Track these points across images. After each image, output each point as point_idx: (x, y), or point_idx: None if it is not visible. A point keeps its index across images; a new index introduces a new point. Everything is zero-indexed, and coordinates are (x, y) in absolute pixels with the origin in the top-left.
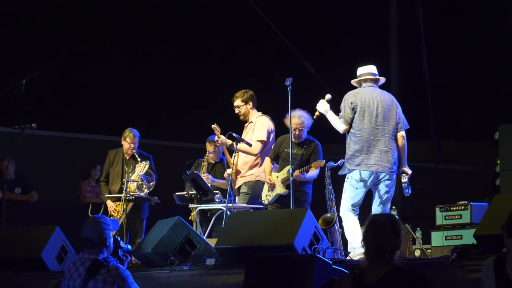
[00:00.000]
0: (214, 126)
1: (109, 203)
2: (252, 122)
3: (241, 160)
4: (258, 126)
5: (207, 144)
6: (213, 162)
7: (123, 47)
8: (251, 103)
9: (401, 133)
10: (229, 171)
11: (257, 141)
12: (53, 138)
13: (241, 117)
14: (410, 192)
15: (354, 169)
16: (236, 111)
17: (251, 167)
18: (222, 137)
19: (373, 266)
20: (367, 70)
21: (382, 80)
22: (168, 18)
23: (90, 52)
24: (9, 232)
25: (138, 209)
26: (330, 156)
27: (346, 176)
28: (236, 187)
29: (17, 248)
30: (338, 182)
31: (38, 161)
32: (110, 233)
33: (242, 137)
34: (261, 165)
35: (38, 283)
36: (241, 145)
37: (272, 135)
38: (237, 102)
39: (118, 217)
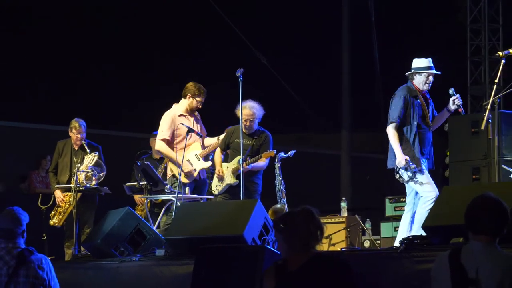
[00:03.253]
0: None
1: (57, 193)
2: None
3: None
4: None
5: (151, 139)
6: (157, 157)
7: (72, 36)
8: None
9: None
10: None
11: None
12: (3, 128)
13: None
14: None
15: None
16: (200, 106)
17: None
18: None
19: (295, 255)
20: None
21: (421, 72)
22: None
23: (40, 41)
24: None
25: (87, 200)
26: (281, 147)
27: None
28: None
29: None
30: (288, 173)
31: None
32: (25, 225)
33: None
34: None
35: None
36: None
37: None
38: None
39: (66, 207)
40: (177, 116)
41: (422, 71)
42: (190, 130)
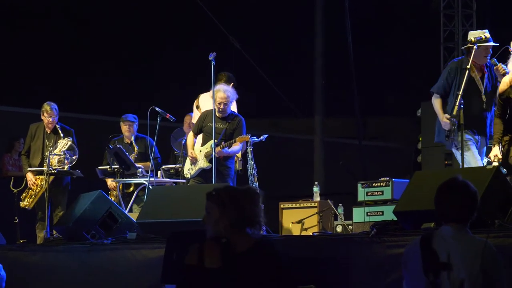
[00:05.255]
0: None
1: (29, 176)
2: None
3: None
4: None
5: (121, 124)
6: (128, 142)
7: (46, 18)
8: None
9: None
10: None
11: None
12: None
13: None
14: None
15: None
16: None
17: None
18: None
19: (239, 236)
20: None
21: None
22: None
23: (16, 23)
24: None
25: (60, 183)
26: (254, 132)
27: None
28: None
29: None
30: (262, 158)
31: None
32: None
33: None
34: None
35: None
36: None
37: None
38: None
39: (37, 190)
40: None
41: (480, 43)
42: (162, 114)
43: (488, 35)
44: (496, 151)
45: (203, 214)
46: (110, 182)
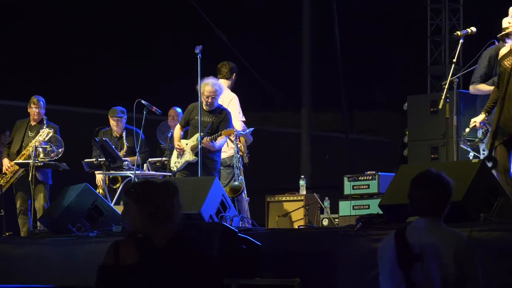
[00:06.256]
0: None
1: (5, 161)
2: None
3: None
4: None
5: (110, 118)
6: (117, 135)
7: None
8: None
9: None
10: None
11: None
12: None
13: None
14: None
15: None
16: None
17: None
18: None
19: (156, 231)
20: None
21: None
22: None
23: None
24: None
25: (42, 175)
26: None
27: None
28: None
29: None
30: (248, 151)
31: None
32: None
33: None
34: None
35: None
36: None
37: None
38: None
39: (9, 176)
40: None
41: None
42: (147, 107)
43: None
44: (478, 119)
45: (188, 207)
46: (97, 174)
